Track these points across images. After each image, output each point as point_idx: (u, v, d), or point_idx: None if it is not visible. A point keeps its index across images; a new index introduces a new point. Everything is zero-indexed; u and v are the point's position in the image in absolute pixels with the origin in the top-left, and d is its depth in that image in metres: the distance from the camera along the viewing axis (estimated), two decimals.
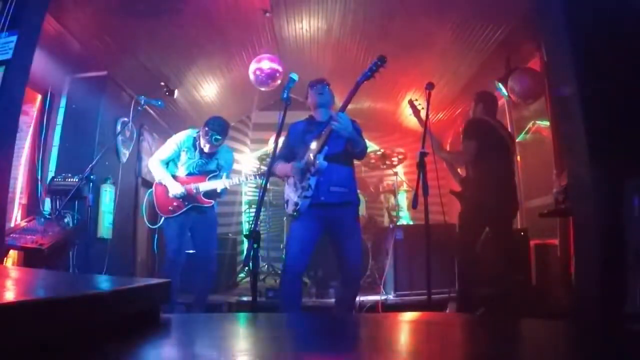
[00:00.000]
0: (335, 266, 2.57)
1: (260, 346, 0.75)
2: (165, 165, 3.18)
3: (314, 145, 2.36)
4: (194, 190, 3.10)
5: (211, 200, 3.18)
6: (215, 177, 3.21)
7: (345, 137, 2.30)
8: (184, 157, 3.17)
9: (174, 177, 3.15)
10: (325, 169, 2.30)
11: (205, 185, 3.13)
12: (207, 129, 3.06)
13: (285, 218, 4.31)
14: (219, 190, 3.16)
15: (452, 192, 3.17)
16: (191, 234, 3.20)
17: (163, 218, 3.14)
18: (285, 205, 2.50)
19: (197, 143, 3.16)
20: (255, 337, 0.84)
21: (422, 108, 3.18)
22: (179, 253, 3.07)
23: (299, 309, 2.42)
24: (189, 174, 3.17)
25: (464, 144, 3.03)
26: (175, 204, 3.09)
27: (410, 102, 3.20)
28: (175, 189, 3.06)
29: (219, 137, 3.09)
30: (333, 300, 3.42)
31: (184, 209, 3.09)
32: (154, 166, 3.16)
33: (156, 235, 3.86)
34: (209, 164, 3.22)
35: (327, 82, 2.61)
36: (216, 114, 3.32)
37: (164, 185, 3.10)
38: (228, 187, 3.20)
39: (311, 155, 2.32)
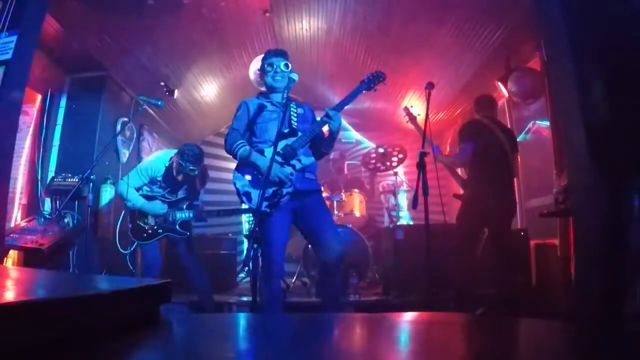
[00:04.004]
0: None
1: (260, 346, 0.75)
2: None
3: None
4: (170, 219, 3.01)
5: (186, 232, 3.07)
6: (193, 205, 3.12)
7: (331, 137, 2.26)
8: (157, 184, 3.07)
9: (152, 197, 3.05)
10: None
11: (182, 214, 3.03)
12: (180, 161, 2.90)
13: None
14: (194, 222, 3.07)
15: (455, 195, 3.17)
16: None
17: (135, 243, 3.04)
18: (245, 199, 2.22)
19: (170, 172, 3.02)
20: (255, 337, 0.84)
21: (418, 114, 3.19)
22: (155, 264, 3.01)
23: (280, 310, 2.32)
24: (164, 198, 3.08)
25: (460, 146, 3.05)
26: (150, 231, 3.00)
27: (406, 109, 3.21)
28: (154, 211, 2.95)
29: (194, 169, 2.95)
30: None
31: (158, 238, 3.01)
32: (124, 192, 2.96)
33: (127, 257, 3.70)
34: (184, 187, 3.12)
35: (287, 56, 2.39)
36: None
37: (137, 211, 2.99)
38: (205, 220, 3.12)
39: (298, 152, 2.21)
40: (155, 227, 3.01)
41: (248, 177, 2.24)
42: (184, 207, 3.08)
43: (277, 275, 2.24)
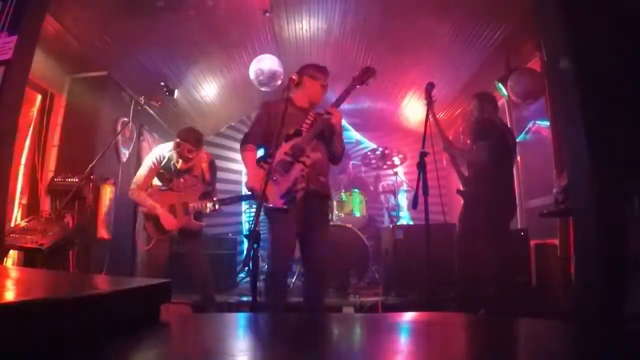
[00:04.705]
0: (334, 266, 2.54)
1: (260, 346, 0.75)
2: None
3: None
4: (183, 212, 3.00)
5: (202, 223, 3.08)
6: (206, 194, 3.10)
7: (335, 132, 2.35)
8: (161, 177, 3.07)
9: (163, 191, 3.04)
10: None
11: (195, 206, 3.02)
12: (178, 140, 2.91)
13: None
14: (207, 211, 3.04)
15: (458, 191, 3.17)
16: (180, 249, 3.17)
17: (154, 240, 3.03)
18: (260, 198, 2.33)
19: (172, 162, 3.01)
20: (255, 337, 0.84)
21: (435, 100, 3.13)
22: (161, 260, 3.03)
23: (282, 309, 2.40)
24: (175, 192, 3.06)
25: (478, 144, 2.99)
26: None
27: (427, 91, 3.07)
28: (170, 224, 2.95)
29: (192, 149, 2.95)
30: (332, 300, 3.43)
31: (174, 231, 3.03)
32: (139, 197, 2.98)
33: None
34: (192, 174, 3.10)
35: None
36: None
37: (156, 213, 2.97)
38: (218, 208, 3.06)
39: (305, 148, 2.30)
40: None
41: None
42: (197, 198, 3.06)
43: (280, 273, 2.30)
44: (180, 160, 2.99)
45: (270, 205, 2.25)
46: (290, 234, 2.30)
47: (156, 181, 3.17)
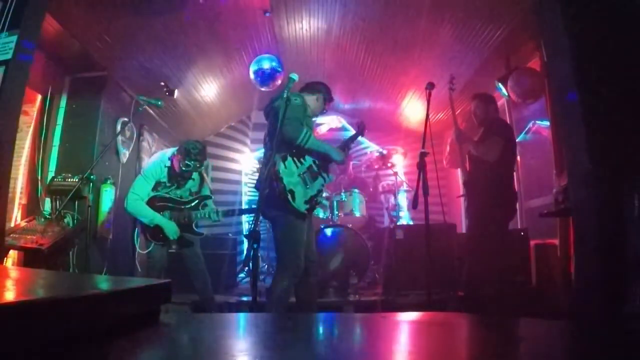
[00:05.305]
0: (335, 267, 2.61)
1: (260, 346, 0.75)
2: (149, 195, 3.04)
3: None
4: (186, 220, 3.03)
5: (202, 232, 3.14)
6: (207, 202, 3.13)
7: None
8: (162, 185, 3.08)
9: (163, 198, 3.04)
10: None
11: (197, 214, 3.05)
12: (185, 156, 2.91)
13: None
14: (212, 220, 3.09)
15: (463, 182, 3.19)
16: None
17: (153, 244, 3.03)
18: (288, 196, 2.28)
19: (172, 170, 3.01)
20: (255, 337, 0.84)
21: (454, 89, 3.16)
22: (161, 263, 3.06)
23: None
24: (176, 199, 3.08)
25: (491, 140, 2.97)
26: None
27: (451, 80, 3.12)
28: (172, 233, 2.96)
29: (201, 166, 3.02)
30: (332, 299, 3.43)
31: (176, 238, 3.04)
32: (137, 208, 2.94)
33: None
34: (192, 183, 3.13)
35: None
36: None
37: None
38: (221, 219, 3.09)
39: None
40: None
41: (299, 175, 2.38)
42: (200, 206, 3.09)
43: (300, 274, 2.38)
44: (187, 173, 3.00)
45: (295, 207, 2.30)
46: (305, 237, 2.44)
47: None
